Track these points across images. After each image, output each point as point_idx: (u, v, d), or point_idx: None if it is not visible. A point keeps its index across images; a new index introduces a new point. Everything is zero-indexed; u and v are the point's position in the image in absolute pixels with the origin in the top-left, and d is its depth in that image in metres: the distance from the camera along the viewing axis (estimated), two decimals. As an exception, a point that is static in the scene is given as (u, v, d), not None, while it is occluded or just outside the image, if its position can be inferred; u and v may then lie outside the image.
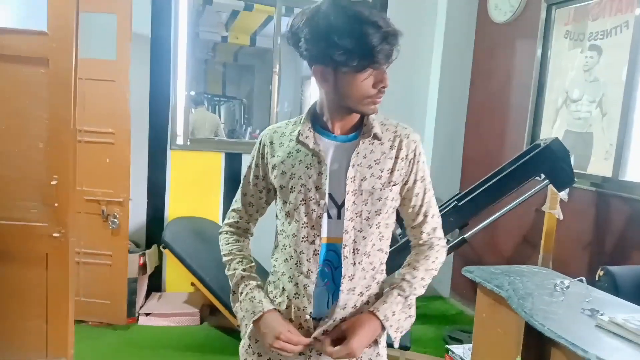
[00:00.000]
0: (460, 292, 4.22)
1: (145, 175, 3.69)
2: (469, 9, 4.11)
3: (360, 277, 1.21)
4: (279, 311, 1.24)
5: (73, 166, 2.16)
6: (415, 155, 1.23)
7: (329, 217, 1.19)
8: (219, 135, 6.02)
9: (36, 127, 2.09)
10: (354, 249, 1.19)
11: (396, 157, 1.21)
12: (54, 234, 2.14)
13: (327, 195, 1.18)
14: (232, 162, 3.89)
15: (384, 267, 1.28)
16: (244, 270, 1.28)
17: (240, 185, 1.35)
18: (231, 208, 1.38)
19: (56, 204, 2.13)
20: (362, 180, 1.18)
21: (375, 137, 1.20)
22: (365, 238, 1.19)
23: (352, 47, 1.05)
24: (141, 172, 3.64)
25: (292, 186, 1.20)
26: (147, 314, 3.42)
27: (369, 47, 1.05)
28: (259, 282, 1.28)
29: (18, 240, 2.12)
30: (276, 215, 1.30)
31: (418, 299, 1.29)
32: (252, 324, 1.22)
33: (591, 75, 3.13)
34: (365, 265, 1.21)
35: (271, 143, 1.26)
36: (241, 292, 1.26)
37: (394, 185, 1.21)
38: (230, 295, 1.31)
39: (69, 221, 2.16)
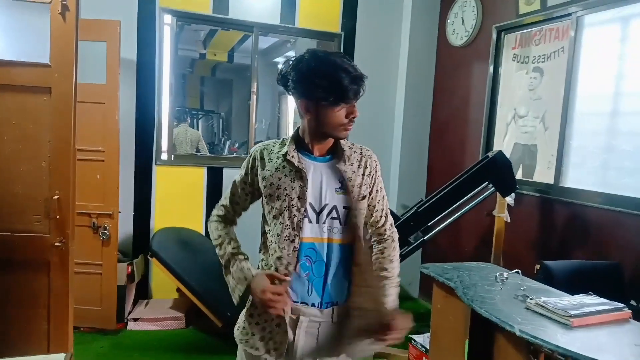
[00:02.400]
0: (429, 292, 4.53)
1: (132, 189, 3.94)
2: (430, 34, 4.51)
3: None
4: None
5: (73, 182, 2.41)
6: (376, 171, 1.58)
7: (309, 221, 1.48)
8: (201, 149, 6.25)
9: (40, 149, 2.33)
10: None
11: (362, 174, 1.55)
12: (56, 244, 2.37)
13: (307, 204, 1.47)
14: (214, 176, 4.16)
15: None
16: (233, 248, 1.56)
17: (230, 187, 1.64)
18: (220, 203, 1.66)
19: (58, 217, 2.38)
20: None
21: (346, 158, 1.53)
22: None
23: (329, 87, 1.38)
24: (128, 187, 3.89)
25: (278, 195, 1.49)
26: (135, 319, 3.64)
27: (342, 87, 1.38)
28: (246, 257, 1.56)
29: (24, 249, 2.34)
30: (264, 219, 1.58)
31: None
32: (245, 288, 1.48)
33: (535, 93, 3.52)
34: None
35: (261, 158, 1.55)
36: (232, 266, 1.53)
37: (362, 198, 1.53)
38: (223, 270, 1.57)
39: (69, 231, 2.41)
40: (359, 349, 1.55)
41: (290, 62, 1.46)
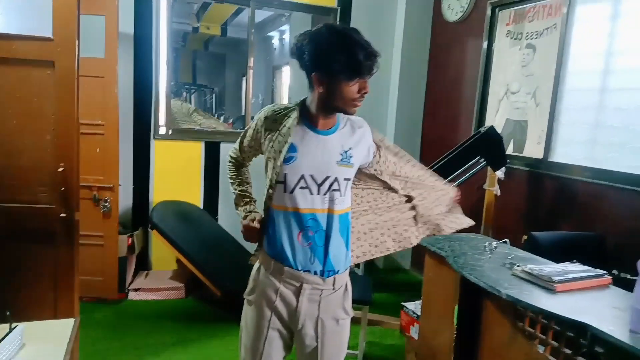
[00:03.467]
0: (420, 264, 4.67)
1: (131, 163, 4.00)
2: (425, 10, 4.55)
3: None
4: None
5: (77, 155, 2.47)
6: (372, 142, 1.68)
7: (310, 192, 1.54)
8: (195, 120, 6.19)
9: (45, 122, 2.37)
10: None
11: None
12: (61, 215, 2.44)
13: (308, 176, 1.52)
14: (212, 150, 4.22)
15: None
16: (240, 191, 1.77)
17: (240, 137, 1.75)
18: (233, 147, 1.80)
19: (63, 188, 2.44)
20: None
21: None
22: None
23: (345, 61, 1.42)
24: (128, 160, 3.95)
25: (272, 157, 1.55)
26: (136, 290, 3.75)
27: (357, 62, 1.43)
28: (250, 199, 1.75)
29: (31, 220, 2.40)
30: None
31: (382, 271, 1.78)
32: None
33: (527, 70, 3.59)
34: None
35: (266, 118, 1.59)
36: (237, 204, 1.75)
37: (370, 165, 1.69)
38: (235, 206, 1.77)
39: (73, 203, 2.47)
40: (452, 218, 2.15)
41: (307, 35, 1.48)
